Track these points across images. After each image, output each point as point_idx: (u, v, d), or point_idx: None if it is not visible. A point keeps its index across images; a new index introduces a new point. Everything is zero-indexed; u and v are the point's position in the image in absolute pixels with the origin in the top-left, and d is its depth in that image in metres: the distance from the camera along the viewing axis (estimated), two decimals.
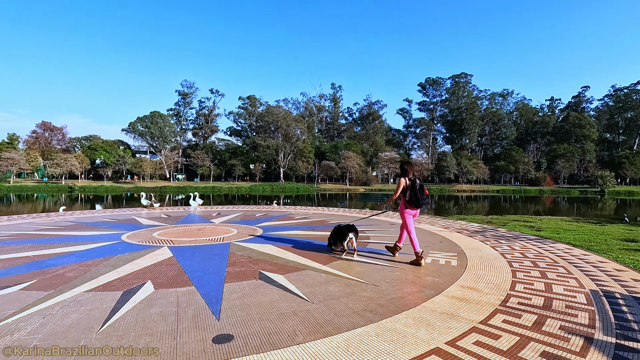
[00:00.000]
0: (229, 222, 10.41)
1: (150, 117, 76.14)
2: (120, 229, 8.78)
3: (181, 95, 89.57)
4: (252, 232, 8.33)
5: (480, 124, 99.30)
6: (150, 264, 5.15)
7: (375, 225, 9.69)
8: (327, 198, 50.91)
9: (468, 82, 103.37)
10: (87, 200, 40.34)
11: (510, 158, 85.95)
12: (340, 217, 11.73)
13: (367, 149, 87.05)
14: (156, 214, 12.13)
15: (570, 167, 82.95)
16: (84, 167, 66.64)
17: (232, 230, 8.46)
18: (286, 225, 9.65)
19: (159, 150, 77.50)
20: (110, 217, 11.53)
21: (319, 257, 5.77)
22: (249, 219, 11.11)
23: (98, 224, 9.62)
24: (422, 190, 5.64)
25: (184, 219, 10.93)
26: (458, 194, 66.52)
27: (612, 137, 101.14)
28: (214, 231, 8.39)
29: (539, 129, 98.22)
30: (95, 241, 6.97)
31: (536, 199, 52.84)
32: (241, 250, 6.17)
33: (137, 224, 9.85)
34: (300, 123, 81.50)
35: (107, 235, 7.76)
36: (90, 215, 11.82)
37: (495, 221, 13.19)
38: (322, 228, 9.22)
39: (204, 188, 65.58)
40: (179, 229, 8.76)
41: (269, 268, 5.00)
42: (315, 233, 8.35)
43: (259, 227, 9.15)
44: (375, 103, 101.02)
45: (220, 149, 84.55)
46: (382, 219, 11.40)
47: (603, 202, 43.75)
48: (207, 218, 11.33)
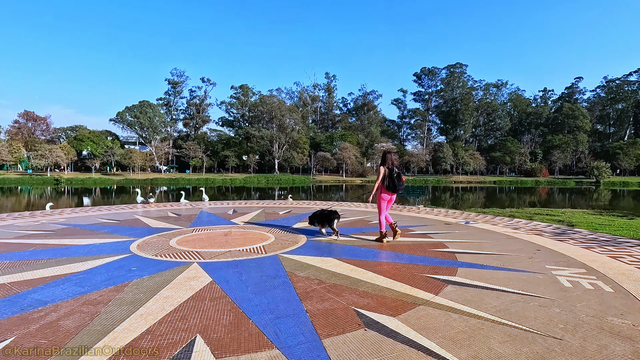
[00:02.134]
0: (254, 222, 8.75)
1: (139, 106, 73.23)
2: (125, 234, 7.07)
3: (171, 84, 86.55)
4: (293, 238, 6.71)
5: (475, 115, 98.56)
6: (187, 297, 3.52)
7: (431, 226, 8.17)
8: (325, 190, 49.44)
9: (463, 72, 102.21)
10: (75, 193, 38.02)
11: (505, 149, 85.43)
12: (374, 214, 10.17)
13: (363, 139, 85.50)
14: (162, 213, 10.38)
15: (565, 158, 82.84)
16: (70, 158, 63.71)
17: (267, 236, 6.82)
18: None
19: (149, 141, 74.74)
20: (107, 216, 9.75)
21: (410, 277, 4.21)
22: (274, 218, 9.47)
23: (96, 228, 7.87)
24: (399, 177, 6.29)
25: (197, 219, 9.21)
26: (455, 185, 65.73)
27: (603, 128, 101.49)
28: (246, 237, 6.75)
29: (533, 120, 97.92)
30: (97, 255, 5.28)
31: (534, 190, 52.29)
32: (301, 268, 4.57)
33: (143, 226, 8.14)
34: (295, 113, 79.45)
35: (111, 244, 6.05)
36: (83, 215, 10.01)
37: (518, 215, 12.04)
38: (369, 231, 7.64)
39: (197, 180, 63.47)
40: (200, 234, 7.06)
41: (364, 302, 3.42)
42: (368, 238, 6.77)
43: (296, 231, 7.54)
44: (370, 93, 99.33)
45: (212, 140, 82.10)
46: (433, 217, 9.86)
47: (598, 193, 43.30)
48: (225, 217, 9.63)
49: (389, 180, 6.26)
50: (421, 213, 10.79)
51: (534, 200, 32.01)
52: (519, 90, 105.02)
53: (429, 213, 10.91)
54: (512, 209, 15.27)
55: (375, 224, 8.57)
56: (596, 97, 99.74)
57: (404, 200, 19.38)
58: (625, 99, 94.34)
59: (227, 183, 61.47)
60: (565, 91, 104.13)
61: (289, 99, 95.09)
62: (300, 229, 7.79)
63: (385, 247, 5.99)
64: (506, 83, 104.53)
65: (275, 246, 5.91)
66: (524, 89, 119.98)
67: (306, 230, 7.53)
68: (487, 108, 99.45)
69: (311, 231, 7.43)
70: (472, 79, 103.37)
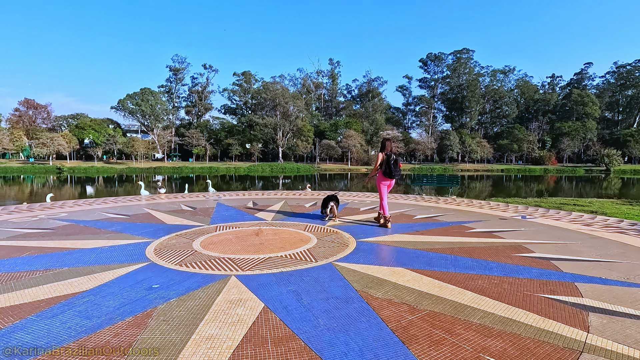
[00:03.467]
0: (282, 217, 7.67)
1: (141, 94, 71.65)
2: (137, 232, 6.02)
3: (172, 71, 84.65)
4: (338, 238, 5.63)
5: (482, 102, 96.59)
6: (239, 338, 2.44)
7: (487, 222, 7.08)
8: (329, 178, 48.41)
9: (470, 58, 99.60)
10: (78, 182, 37.08)
11: (513, 137, 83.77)
12: (417, 208, 9.10)
13: (367, 127, 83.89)
14: (175, 206, 9.29)
15: (574, 145, 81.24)
16: (72, 147, 62.58)
17: (306, 236, 5.74)
18: (374, 224, 6.89)
19: (151, 129, 73.39)
20: (114, 210, 8.68)
21: (526, 299, 3.14)
22: (301, 212, 8.37)
23: (102, 224, 6.81)
24: (397, 164, 6.48)
25: (217, 214, 8.07)
26: (462, 174, 64.58)
27: (611, 115, 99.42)
28: (281, 236, 5.68)
29: (540, 107, 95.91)
30: (106, 264, 4.21)
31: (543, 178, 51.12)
32: (373, 285, 3.50)
33: (156, 222, 7.06)
34: (299, 100, 77.73)
35: (122, 248, 4.99)
36: (87, 208, 8.94)
37: (545, 205, 11.09)
38: (420, 228, 6.57)
39: (201, 168, 62.48)
40: (226, 233, 5.96)
41: (498, 347, 2.34)
42: (428, 238, 5.69)
43: (336, 228, 6.47)
44: (375, 80, 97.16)
45: (215, 128, 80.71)
46: (479, 210, 8.76)
47: (609, 181, 42.24)
48: (246, 211, 8.53)
49: (386, 166, 6.48)
50: (461, 205, 9.69)
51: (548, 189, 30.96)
52: (527, 77, 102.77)
53: (470, 205, 9.81)
54: (536, 199, 14.26)
55: (424, 219, 7.51)
56: (605, 84, 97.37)
57: (436, 190, 18.29)
58: (635, 85, 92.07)
59: (231, 172, 60.47)
60: (574, 77, 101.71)
61: (292, 86, 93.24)
62: (339, 225, 6.72)
63: (457, 249, 4.92)
64: (514, 69, 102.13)
65: (323, 250, 4.84)
66: (531, 75, 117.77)
67: (348, 228, 6.46)
68: (493, 95, 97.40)
69: (354, 229, 6.37)
70: (479, 65, 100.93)
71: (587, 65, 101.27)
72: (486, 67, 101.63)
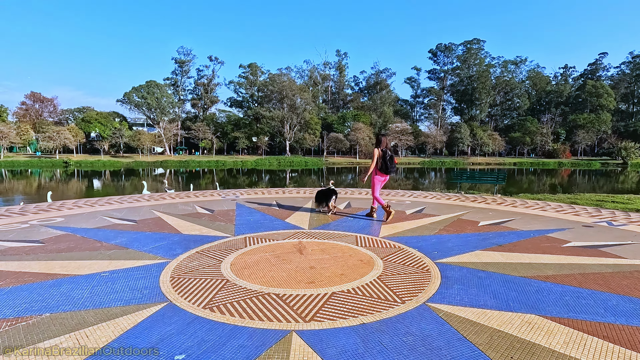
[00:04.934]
0: (322, 225, 6.29)
1: (146, 86, 70.55)
2: (147, 247, 4.77)
3: (178, 63, 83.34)
4: (410, 258, 4.33)
5: (492, 94, 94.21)
6: None
7: (572, 230, 5.78)
8: (338, 172, 47.16)
9: (481, 48, 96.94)
10: (85, 176, 36.20)
11: (524, 129, 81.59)
12: (472, 210, 7.81)
13: (376, 120, 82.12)
14: (189, 208, 8.03)
15: (590, 138, 78.97)
16: (78, 140, 61.78)
17: (365, 254, 4.44)
18: (438, 235, 5.56)
19: (157, 122, 72.34)
20: (119, 212, 7.44)
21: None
22: (340, 216, 7.04)
23: (103, 235, 5.56)
24: (392, 160, 6.62)
25: (241, 220, 6.77)
26: (473, 167, 62.92)
27: (626, 107, 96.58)
28: (332, 254, 4.40)
29: (553, 99, 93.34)
30: (104, 307, 2.98)
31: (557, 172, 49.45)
32: (514, 350, 2.24)
33: (170, 230, 5.83)
34: (306, 93, 76.18)
35: (128, 273, 3.74)
36: (89, 211, 7.71)
37: (581, 202, 9.88)
38: (509, 241, 5.25)
39: (207, 162, 61.47)
40: (260, 249, 4.69)
41: None
42: (524, 257, 4.34)
43: (394, 239, 5.18)
44: (384, 71, 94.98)
45: (221, 121, 79.50)
46: (551, 214, 7.44)
47: (626, 175, 40.71)
48: (272, 214, 7.23)
49: (382, 162, 6.56)
50: (518, 206, 8.34)
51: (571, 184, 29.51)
52: (539, 67, 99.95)
53: (528, 206, 8.45)
54: (568, 195, 12.95)
55: (492, 227, 6.23)
56: (620, 74, 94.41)
57: (474, 187, 16.86)
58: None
59: (238, 165, 59.45)
60: (588, 68, 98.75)
61: (299, 78, 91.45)
62: (397, 237, 5.41)
63: (579, 277, 3.62)
64: (525, 60, 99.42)
65: (399, 280, 3.55)
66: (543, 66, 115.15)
67: (411, 241, 5.16)
68: (504, 86, 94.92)
69: (414, 242, 5.09)
70: (490, 55, 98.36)
71: (601, 55, 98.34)
72: (497, 57, 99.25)
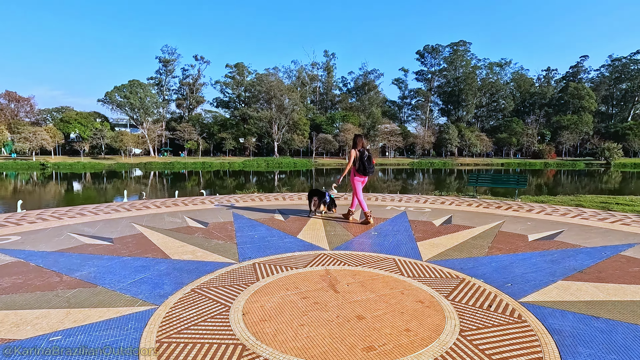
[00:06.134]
0: (345, 244, 5.39)
1: (129, 86, 68.62)
2: (125, 282, 3.80)
3: (162, 62, 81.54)
4: (486, 298, 3.52)
5: (478, 95, 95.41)
6: None
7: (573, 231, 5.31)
8: (327, 173, 46.69)
9: (467, 50, 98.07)
10: (63, 179, 34.70)
11: (510, 130, 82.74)
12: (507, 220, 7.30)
13: (364, 120, 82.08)
14: (177, 220, 7.08)
15: (574, 139, 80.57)
16: (56, 141, 59.61)
17: (420, 290, 3.61)
18: (493, 256, 4.73)
19: (141, 122, 70.51)
20: (92, 227, 6.46)
21: None
22: (360, 229, 6.43)
23: (67, 262, 4.41)
24: (370, 160, 6.47)
25: (243, 236, 5.85)
26: (462, 168, 63.26)
27: (606, 108, 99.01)
28: (378, 293, 3.50)
29: (537, 100, 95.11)
30: None
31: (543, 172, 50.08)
32: None
33: (155, 253, 4.84)
34: (294, 93, 75.43)
35: (93, 335, 2.68)
36: (55, 225, 6.64)
37: (587, 204, 9.68)
38: (585, 265, 4.46)
39: (193, 164, 60.14)
40: (282, 286, 3.70)
41: None
42: (625, 292, 3.60)
43: (446, 265, 4.38)
44: (372, 72, 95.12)
45: (207, 122, 78.09)
46: (607, 226, 6.99)
47: (608, 175, 41.44)
48: (281, 229, 6.36)
49: (360, 163, 6.43)
50: (553, 214, 7.77)
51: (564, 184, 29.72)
52: (523, 70, 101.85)
53: (561, 213, 7.95)
54: (571, 197, 12.72)
55: (546, 243, 5.72)
56: (600, 77, 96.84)
57: (490, 190, 16.42)
58: (630, 79, 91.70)
59: (225, 167, 58.30)
60: (570, 70, 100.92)
61: (286, 79, 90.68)
62: (444, 259, 4.70)
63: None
64: (510, 62, 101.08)
65: (499, 342, 2.61)
66: (527, 68, 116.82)
67: (465, 265, 4.41)
68: (490, 88, 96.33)
69: (482, 271, 4.51)
70: (476, 57, 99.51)
71: (582, 58, 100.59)
72: (483, 59, 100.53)
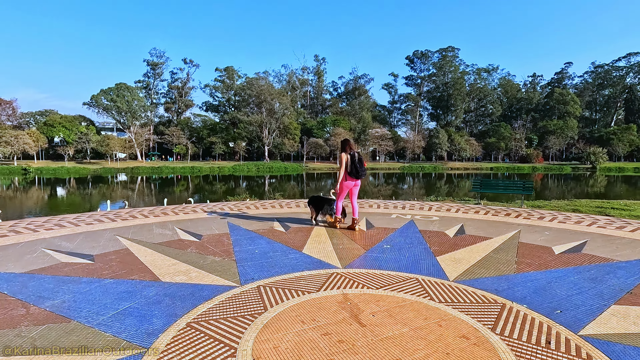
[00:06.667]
0: (362, 260, 4.75)
1: (116, 89, 67.22)
2: (104, 317, 2.99)
3: (150, 66, 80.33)
4: (537, 330, 2.96)
5: (467, 100, 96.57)
6: None
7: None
8: (318, 178, 46.24)
9: (455, 56, 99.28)
10: (47, 184, 33.43)
11: (499, 135, 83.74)
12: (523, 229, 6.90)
13: (355, 125, 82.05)
14: (166, 232, 6.40)
15: (560, 143, 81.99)
16: (40, 145, 57.83)
17: (469, 327, 2.89)
18: (525, 274, 4.15)
19: (128, 126, 69.05)
20: (71, 242, 5.59)
21: None
22: (371, 241, 5.98)
23: (36, 291, 3.57)
24: (361, 163, 6.31)
25: (240, 249, 5.23)
26: (453, 172, 63.54)
27: (590, 114, 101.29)
28: (411, 325, 2.91)
29: (523, 106, 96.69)
30: None
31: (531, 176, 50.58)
32: None
33: (143, 275, 4.08)
34: (285, 97, 75.00)
35: None
36: (29, 239, 5.76)
37: (584, 209, 9.31)
38: (630, 287, 3.80)
39: (182, 168, 58.98)
40: (297, 318, 3.02)
41: None
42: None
43: (480, 289, 3.68)
44: (362, 77, 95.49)
45: (197, 126, 76.99)
46: (632, 236, 6.62)
47: (594, 179, 42.04)
48: (282, 242, 5.69)
49: (352, 166, 6.31)
50: (567, 222, 7.40)
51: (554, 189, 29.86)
52: (509, 75, 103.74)
53: (574, 221, 7.60)
54: (565, 201, 12.61)
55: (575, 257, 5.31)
56: (584, 83, 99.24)
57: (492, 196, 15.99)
58: (612, 85, 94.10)
59: (215, 171, 57.29)
60: (555, 76, 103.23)
61: (277, 83, 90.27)
62: (473, 278, 4.15)
63: None
64: (497, 68, 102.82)
65: None
66: (514, 74, 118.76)
67: (500, 286, 3.83)
68: (478, 93, 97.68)
69: (522, 294, 4.05)
70: (464, 63, 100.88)
71: (567, 65, 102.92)
72: (471, 65, 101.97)
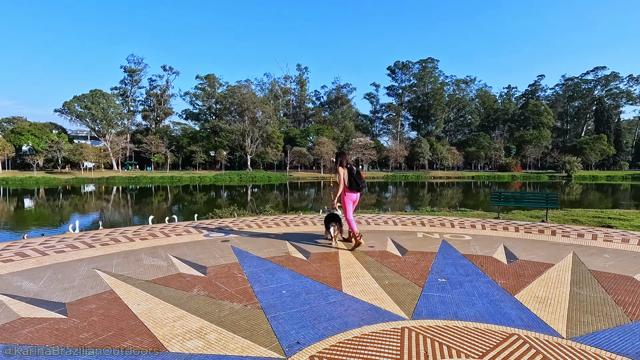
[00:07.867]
0: (425, 304, 3.56)
1: (91, 96, 64.26)
2: None
3: (128, 72, 77.61)
4: None
5: (447, 110, 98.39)
6: None
7: None
8: (301, 187, 45.21)
9: (435, 67, 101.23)
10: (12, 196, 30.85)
11: (478, 144, 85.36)
12: (571, 248, 6.08)
13: (338, 134, 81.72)
14: (158, 262, 5.13)
15: (536, 152, 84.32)
16: (5, 154, 54.30)
17: None
18: None
19: (103, 135, 66.02)
20: (34, 284, 4.18)
21: None
22: (410, 271, 4.96)
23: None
24: (360, 175, 6.20)
25: (264, 289, 4.04)
26: (435, 181, 63.83)
27: (561, 124, 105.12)
28: None
29: (500, 116, 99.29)
30: None
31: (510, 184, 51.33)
32: None
33: (137, 347, 2.72)
34: (267, 106, 73.90)
35: None
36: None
37: (584, 220, 9.11)
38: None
39: (161, 178, 56.58)
40: None
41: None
42: None
43: (613, 353, 2.63)
44: (344, 86, 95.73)
45: (176, 134, 74.62)
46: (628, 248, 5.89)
47: (570, 187, 43.01)
48: (311, 276, 4.61)
49: (351, 179, 6.22)
50: (597, 239, 6.77)
51: None
52: (486, 87, 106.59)
53: (625, 240, 6.93)
54: (562, 211, 12.32)
55: None
56: (555, 95, 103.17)
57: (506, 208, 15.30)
58: (582, 97, 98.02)
59: (195, 181, 55.21)
60: (529, 88, 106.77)
61: (259, 91, 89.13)
62: (589, 334, 3.37)
63: None
64: (475, 79, 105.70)
65: None
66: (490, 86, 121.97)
67: (630, 342, 2.96)
68: (457, 104, 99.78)
69: None
70: (444, 74, 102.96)
71: (539, 77, 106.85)
72: (450, 76, 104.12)
